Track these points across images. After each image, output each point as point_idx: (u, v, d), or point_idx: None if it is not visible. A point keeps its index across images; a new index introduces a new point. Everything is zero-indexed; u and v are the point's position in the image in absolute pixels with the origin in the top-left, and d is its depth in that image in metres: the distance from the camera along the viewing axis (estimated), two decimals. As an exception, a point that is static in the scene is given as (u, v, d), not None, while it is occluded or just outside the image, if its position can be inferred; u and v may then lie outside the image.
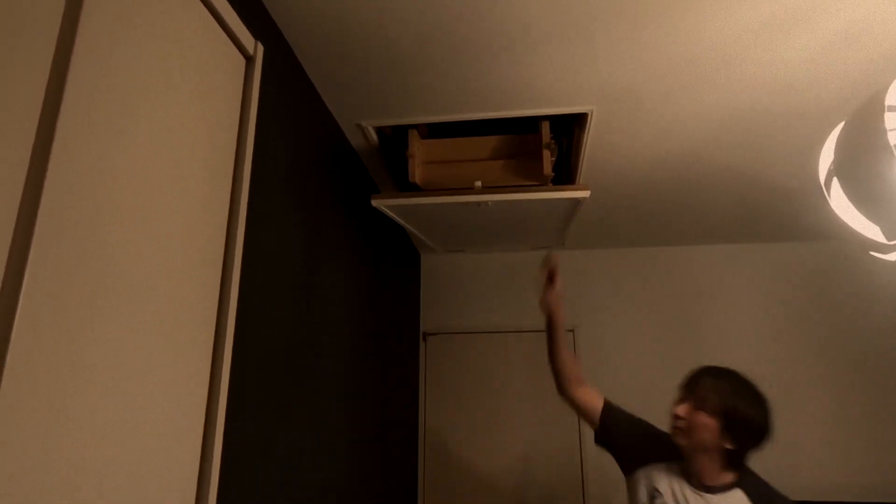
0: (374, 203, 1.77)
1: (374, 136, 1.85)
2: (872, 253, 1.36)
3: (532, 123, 1.82)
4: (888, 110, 0.92)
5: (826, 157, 1.09)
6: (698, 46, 1.42)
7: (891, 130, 0.92)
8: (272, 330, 1.25)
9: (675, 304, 2.83)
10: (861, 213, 1.10)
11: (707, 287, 2.84)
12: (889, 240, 1.25)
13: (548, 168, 1.72)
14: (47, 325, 0.63)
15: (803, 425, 2.60)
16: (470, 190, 1.75)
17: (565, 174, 2.10)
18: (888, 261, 1.23)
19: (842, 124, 1.00)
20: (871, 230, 1.27)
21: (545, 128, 1.74)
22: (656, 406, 2.68)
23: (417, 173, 1.78)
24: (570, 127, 1.94)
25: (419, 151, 1.81)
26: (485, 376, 2.97)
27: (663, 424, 1.44)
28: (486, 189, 1.75)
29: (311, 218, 1.53)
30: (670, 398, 2.65)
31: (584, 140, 1.90)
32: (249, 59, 1.18)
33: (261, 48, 1.21)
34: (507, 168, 1.79)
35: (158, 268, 0.84)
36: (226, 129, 1.07)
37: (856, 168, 0.96)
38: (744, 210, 2.46)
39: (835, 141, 1.01)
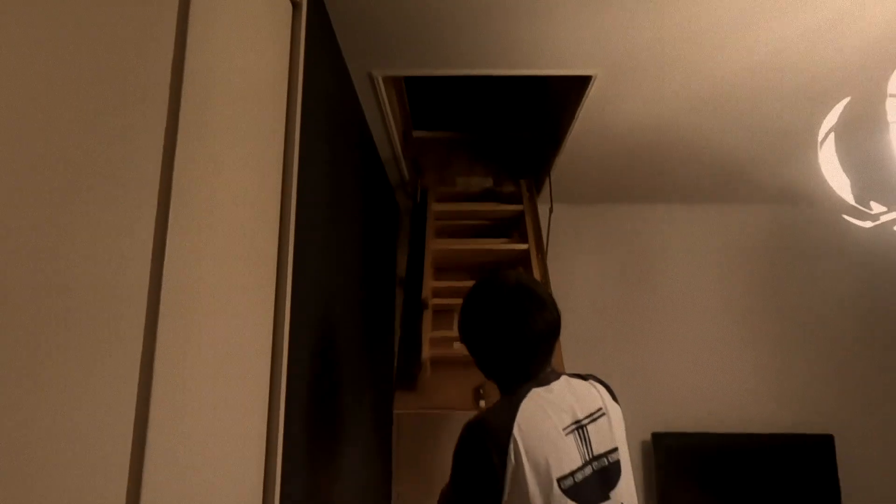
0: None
1: (382, 88, 1.88)
2: (845, 217, 1.54)
3: (537, 82, 1.89)
4: (889, 97, 1.06)
5: (829, 122, 1.23)
6: (704, 20, 1.52)
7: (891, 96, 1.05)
8: (315, 273, 1.30)
9: (634, 257, 3.03)
10: (849, 175, 1.26)
11: (665, 242, 3.05)
12: (863, 204, 1.42)
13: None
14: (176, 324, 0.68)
15: (745, 372, 2.88)
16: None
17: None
18: (860, 226, 1.40)
19: (847, 99, 1.14)
20: (846, 194, 1.44)
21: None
22: (608, 351, 2.92)
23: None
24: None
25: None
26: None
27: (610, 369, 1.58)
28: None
29: (337, 174, 1.56)
30: (623, 345, 2.91)
31: (578, 112, 2.00)
32: (296, 6, 1.19)
33: (305, -7, 1.21)
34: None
35: (223, 220, 0.87)
36: (277, 78, 1.09)
37: (856, 136, 1.10)
38: (711, 174, 2.65)
39: (839, 112, 1.15)
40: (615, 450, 1.16)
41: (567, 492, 1.05)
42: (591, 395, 1.21)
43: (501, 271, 1.26)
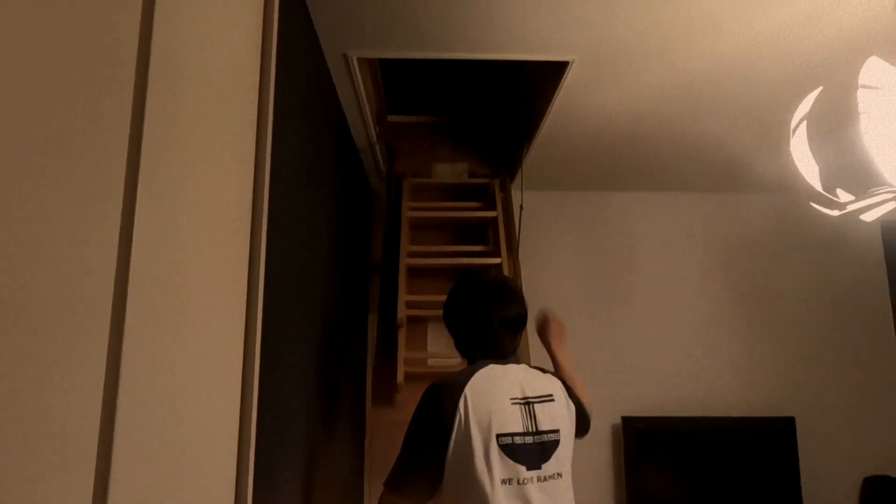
0: None
1: (357, 70, 1.84)
2: (813, 205, 1.57)
3: (513, 68, 1.88)
4: (861, 87, 1.08)
5: (801, 112, 1.25)
6: (684, 8, 1.52)
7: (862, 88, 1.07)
8: (287, 250, 1.27)
9: (606, 245, 3.05)
10: (819, 164, 1.28)
11: (638, 231, 3.08)
12: (831, 193, 1.45)
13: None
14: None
15: (712, 358, 2.95)
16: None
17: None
18: (827, 214, 1.43)
19: (819, 89, 1.15)
20: (815, 181, 1.46)
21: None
22: (579, 337, 2.95)
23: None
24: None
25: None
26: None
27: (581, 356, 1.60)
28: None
29: (311, 156, 1.53)
30: (594, 332, 2.94)
31: (554, 98, 1.99)
32: (270, -20, 1.15)
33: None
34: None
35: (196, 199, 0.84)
36: (250, 57, 1.05)
37: (828, 126, 1.12)
38: (686, 164, 2.67)
39: (812, 101, 1.16)
40: (557, 431, 1.34)
41: (504, 448, 1.25)
42: (545, 384, 1.39)
43: (483, 268, 1.55)
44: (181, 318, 0.73)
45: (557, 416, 1.35)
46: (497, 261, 2.35)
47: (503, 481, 1.24)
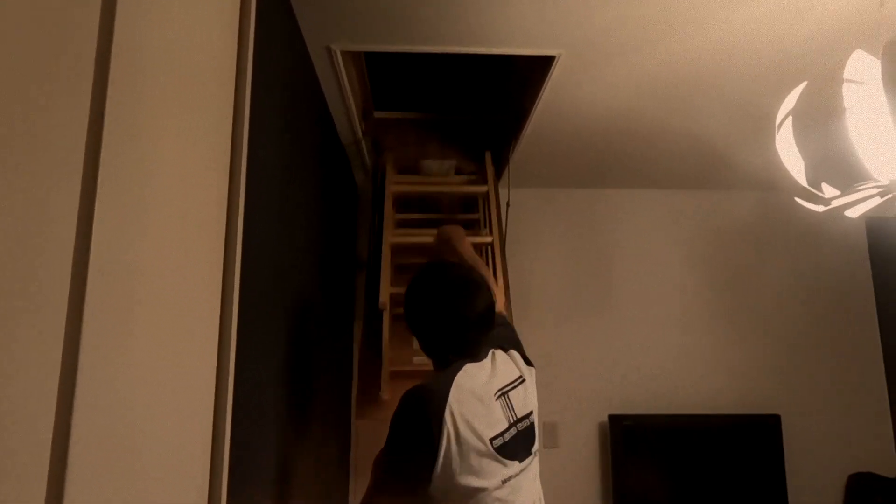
0: None
1: (341, 64, 1.81)
2: (798, 200, 1.56)
3: (502, 64, 1.86)
4: (846, 81, 1.07)
5: (786, 106, 1.24)
6: (669, 5, 1.50)
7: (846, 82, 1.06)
8: (263, 239, 1.24)
9: (592, 243, 3.05)
10: (804, 159, 1.27)
11: (623, 228, 3.08)
12: (816, 188, 1.44)
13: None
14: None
15: (699, 356, 2.95)
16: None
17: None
18: (812, 210, 1.42)
19: (804, 83, 1.14)
20: (800, 177, 1.45)
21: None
22: (566, 336, 2.94)
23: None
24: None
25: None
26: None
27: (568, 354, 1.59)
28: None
29: (292, 152, 1.50)
30: (581, 330, 2.93)
31: (541, 94, 1.97)
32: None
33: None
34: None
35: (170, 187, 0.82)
36: (225, 49, 1.02)
37: (813, 120, 1.11)
38: (672, 160, 2.67)
39: (797, 96, 1.15)
40: (531, 413, 1.33)
41: (499, 450, 1.20)
42: (511, 365, 1.36)
43: (443, 262, 1.44)
44: (146, 316, 0.70)
45: (529, 394, 1.34)
46: (488, 239, 2.33)
47: (504, 481, 1.20)
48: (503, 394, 1.28)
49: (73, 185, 0.56)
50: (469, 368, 1.25)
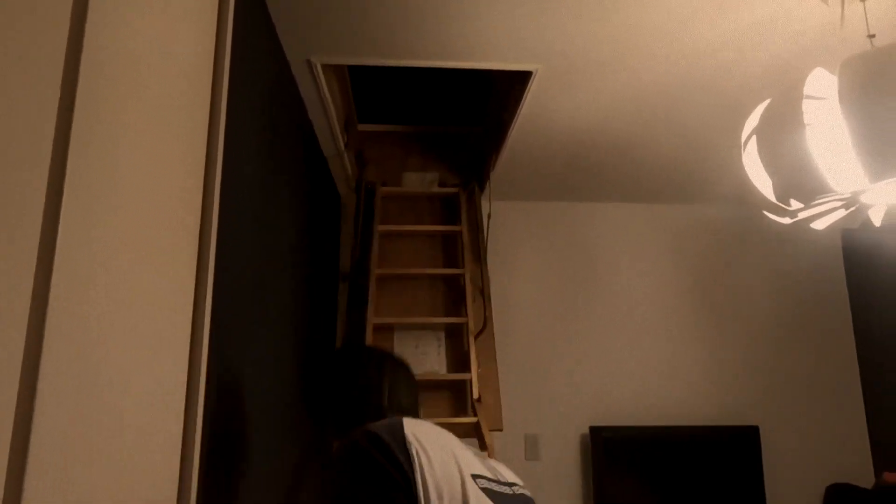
0: None
1: (321, 76, 1.83)
2: (766, 213, 1.60)
3: (483, 78, 1.89)
4: (805, 98, 1.11)
5: (751, 124, 1.28)
6: (646, 18, 1.55)
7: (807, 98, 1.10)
8: (243, 250, 1.25)
9: (573, 255, 3.08)
10: (771, 175, 1.31)
11: (603, 241, 3.11)
12: (784, 203, 1.48)
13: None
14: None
15: (678, 368, 2.98)
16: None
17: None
18: (779, 222, 1.46)
19: (767, 101, 1.18)
20: (769, 192, 1.49)
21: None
22: (547, 348, 2.97)
23: None
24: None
25: None
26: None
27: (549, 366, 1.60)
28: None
29: (271, 164, 1.51)
30: (561, 342, 2.95)
31: (519, 108, 2.01)
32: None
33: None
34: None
35: (144, 193, 0.83)
36: (201, 61, 1.04)
37: (777, 137, 1.14)
38: (650, 174, 2.71)
39: (761, 113, 1.19)
40: (521, 485, 1.09)
41: (485, 491, 0.96)
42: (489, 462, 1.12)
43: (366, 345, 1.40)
44: (115, 310, 0.71)
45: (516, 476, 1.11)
46: (460, 271, 2.43)
47: None
48: (475, 454, 1.05)
49: (40, 184, 0.57)
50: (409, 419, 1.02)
